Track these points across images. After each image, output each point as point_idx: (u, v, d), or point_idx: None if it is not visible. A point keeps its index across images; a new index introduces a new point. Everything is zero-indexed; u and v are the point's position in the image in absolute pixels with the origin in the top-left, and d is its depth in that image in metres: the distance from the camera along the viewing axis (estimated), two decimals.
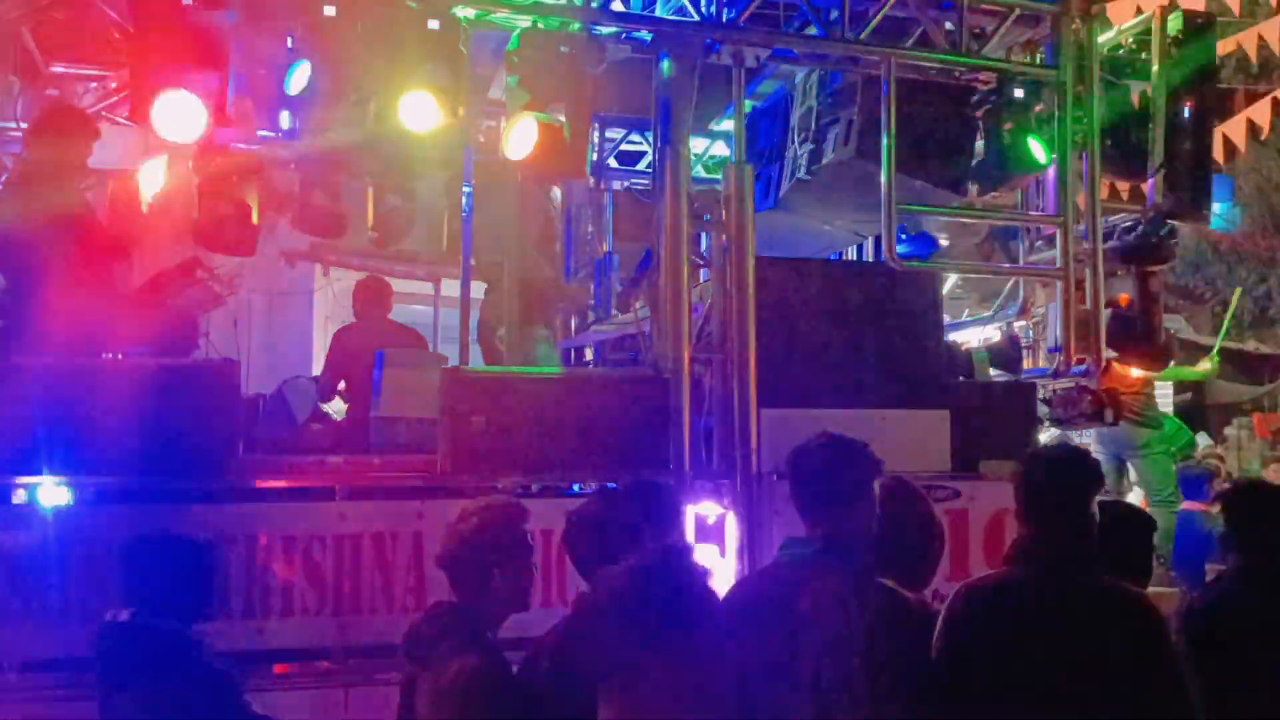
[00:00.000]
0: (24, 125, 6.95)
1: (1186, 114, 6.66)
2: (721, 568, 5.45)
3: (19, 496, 4.87)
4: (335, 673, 4.88)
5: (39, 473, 4.73)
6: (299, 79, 5.31)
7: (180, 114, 4.93)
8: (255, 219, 5.86)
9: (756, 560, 5.28)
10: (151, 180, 8.21)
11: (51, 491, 4.83)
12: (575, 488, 5.62)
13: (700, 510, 5.54)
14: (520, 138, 5.57)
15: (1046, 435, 7.22)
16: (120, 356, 5.49)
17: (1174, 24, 6.64)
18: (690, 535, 5.02)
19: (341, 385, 7.16)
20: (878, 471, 3.09)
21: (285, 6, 5.28)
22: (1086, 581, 3.04)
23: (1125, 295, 7.29)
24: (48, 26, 6.68)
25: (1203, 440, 12.34)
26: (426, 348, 7.64)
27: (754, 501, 5.44)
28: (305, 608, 4.89)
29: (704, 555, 5.44)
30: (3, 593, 4.56)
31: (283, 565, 4.88)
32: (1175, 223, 7.04)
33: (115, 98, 6.88)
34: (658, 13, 6.42)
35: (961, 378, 6.79)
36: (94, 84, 7.12)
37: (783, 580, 3.00)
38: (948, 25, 6.50)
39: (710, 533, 5.78)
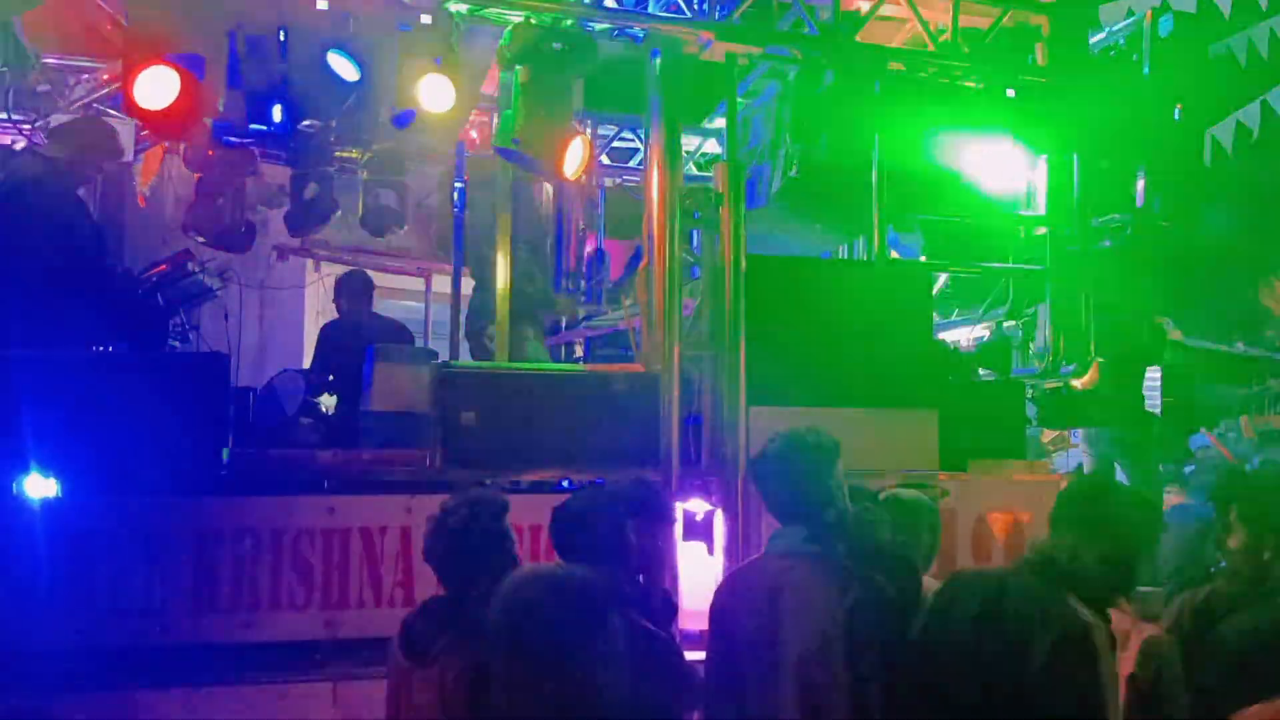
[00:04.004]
0: (15, 117, 6.96)
1: (1177, 115, 6.70)
2: (710, 565, 5.47)
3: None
4: (323, 667, 4.88)
5: (25, 466, 4.72)
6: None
7: (156, 85, 5.00)
8: (248, 213, 5.88)
9: (745, 557, 5.30)
10: (144, 173, 8.21)
11: (39, 484, 4.82)
12: (564, 483, 5.63)
13: (689, 507, 5.55)
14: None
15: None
16: (109, 349, 5.48)
17: (1165, 26, 6.69)
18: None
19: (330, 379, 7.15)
20: (837, 455, 3.14)
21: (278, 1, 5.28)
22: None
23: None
24: (39, 18, 6.66)
25: (1201, 440, 12.36)
26: (412, 340, 7.64)
27: (742, 498, 5.45)
28: (293, 602, 4.89)
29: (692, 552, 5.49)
30: None
31: (270, 559, 4.87)
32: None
33: (106, 90, 6.87)
34: (650, 10, 6.43)
35: (950, 377, 6.81)
36: (86, 76, 7.10)
37: (767, 572, 3.03)
38: (940, 25, 6.52)
39: (699, 530, 5.80)
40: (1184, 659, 3.34)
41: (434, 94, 5.54)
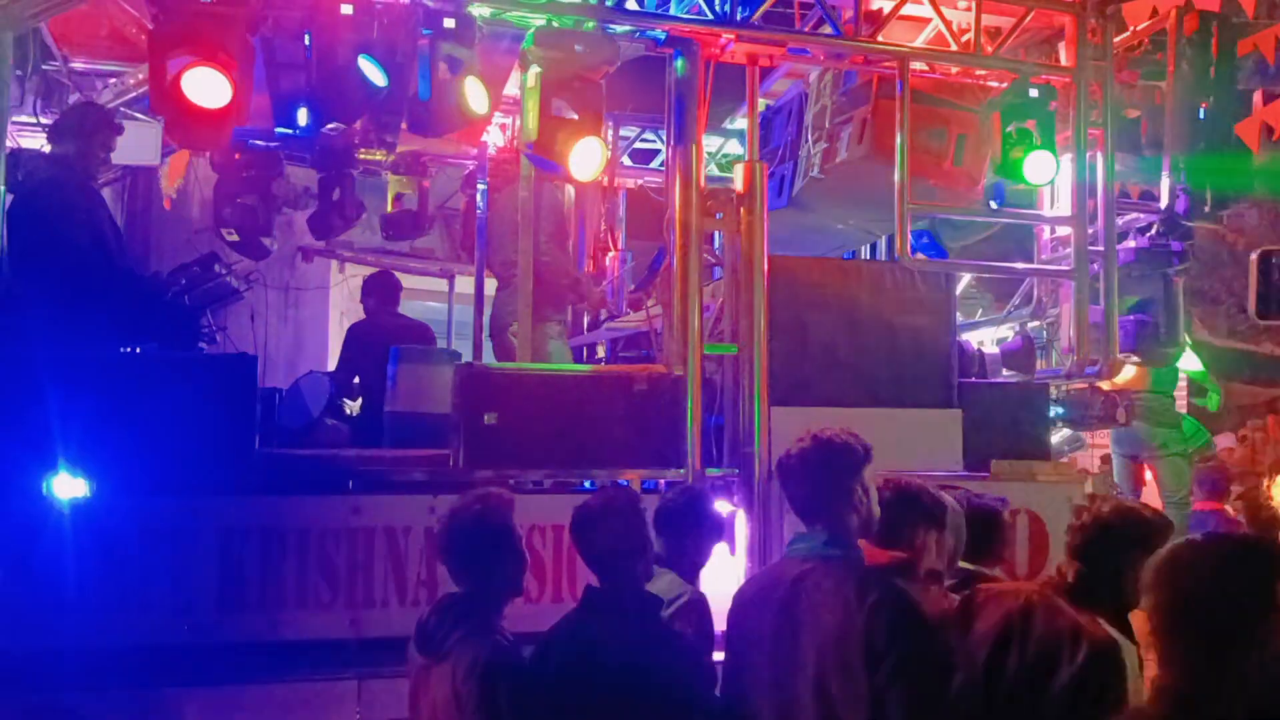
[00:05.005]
0: (44, 121, 7.02)
1: (1202, 115, 6.65)
2: (732, 565, 5.47)
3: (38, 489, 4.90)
4: (348, 666, 4.91)
5: (55, 466, 4.77)
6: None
7: (208, 84, 4.93)
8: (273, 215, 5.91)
9: (767, 558, 5.30)
10: (170, 177, 8.28)
11: (68, 484, 4.86)
12: (586, 484, 5.65)
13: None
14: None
15: (1059, 436, 7.20)
16: (138, 350, 5.54)
17: (1190, 25, 6.63)
18: None
19: (355, 380, 7.19)
20: (864, 460, 3.09)
21: (303, 5, 5.31)
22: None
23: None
24: (66, 23, 6.72)
25: (1227, 441, 12.29)
26: (435, 342, 7.68)
27: (764, 499, 5.46)
28: (319, 601, 4.93)
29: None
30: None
31: (295, 559, 4.91)
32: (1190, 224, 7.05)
33: (134, 93, 6.93)
34: (672, 11, 6.44)
35: (974, 377, 6.78)
36: (113, 80, 7.16)
37: (787, 575, 3.03)
38: (962, 24, 6.50)
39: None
40: None
41: (475, 97, 5.55)
